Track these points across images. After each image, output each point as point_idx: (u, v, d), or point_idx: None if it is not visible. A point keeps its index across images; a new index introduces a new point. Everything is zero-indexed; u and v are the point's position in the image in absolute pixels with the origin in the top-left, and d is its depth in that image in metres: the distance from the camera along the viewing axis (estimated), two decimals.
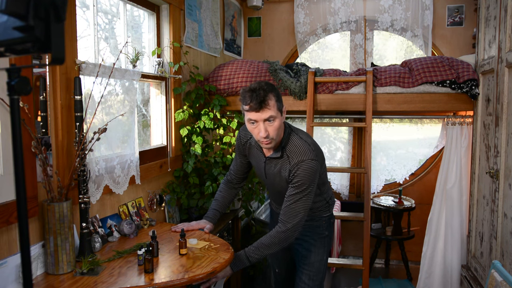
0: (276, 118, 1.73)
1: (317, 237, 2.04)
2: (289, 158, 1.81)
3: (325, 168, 2.00)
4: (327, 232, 2.07)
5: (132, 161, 2.17)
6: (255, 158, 2.01)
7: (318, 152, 1.85)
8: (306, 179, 1.76)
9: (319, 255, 2.04)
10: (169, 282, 1.57)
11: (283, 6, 4.08)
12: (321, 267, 2.05)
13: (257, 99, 1.67)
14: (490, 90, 2.39)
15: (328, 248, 2.10)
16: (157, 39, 2.65)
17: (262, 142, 1.78)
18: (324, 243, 2.06)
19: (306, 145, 1.81)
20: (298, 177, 1.77)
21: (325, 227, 2.06)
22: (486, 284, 1.55)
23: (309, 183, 1.77)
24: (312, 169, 1.76)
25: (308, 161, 1.77)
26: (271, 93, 1.71)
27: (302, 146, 1.80)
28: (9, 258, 1.49)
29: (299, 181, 1.77)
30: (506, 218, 2.06)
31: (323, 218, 2.06)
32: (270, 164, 1.91)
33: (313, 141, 1.91)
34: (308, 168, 1.76)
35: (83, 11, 2.08)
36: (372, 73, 2.87)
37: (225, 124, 2.92)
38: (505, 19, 2.10)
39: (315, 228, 2.04)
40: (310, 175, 1.76)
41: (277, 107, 1.73)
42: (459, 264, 2.93)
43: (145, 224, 2.26)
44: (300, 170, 1.76)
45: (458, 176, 2.93)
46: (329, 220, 2.09)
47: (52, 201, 1.63)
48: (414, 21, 3.71)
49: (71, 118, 1.78)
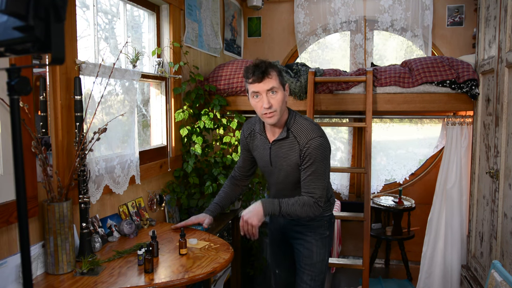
0: (279, 90, 1.78)
1: (319, 237, 2.02)
2: (297, 138, 1.81)
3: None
4: (328, 232, 2.05)
5: (132, 161, 2.17)
6: (259, 148, 1.97)
7: (324, 134, 1.86)
8: (318, 156, 1.77)
9: (320, 255, 2.02)
10: (169, 282, 1.57)
11: (283, 6, 4.08)
12: (323, 267, 2.04)
13: (259, 70, 1.75)
14: (490, 90, 2.39)
15: (329, 248, 2.08)
16: (157, 39, 2.65)
17: (265, 116, 1.79)
18: (325, 243, 2.04)
19: (312, 125, 1.83)
20: (311, 155, 1.78)
21: (327, 227, 2.05)
22: (486, 284, 1.55)
23: (322, 160, 1.79)
24: (323, 145, 1.79)
25: (318, 138, 1.78)
26: (273, 67, 1.78)
27: (309, 125, 1.83)
28: (9, 258, 1.49)
29: (312, 159, 1.78)
30: (506, 218, 2.06)
31: (325, 217, 2.04)
32: (276, 148, 1.88)
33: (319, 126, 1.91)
34: (319, 145, 1.78)
35: (83, 11, 2.08)
36: (372, 73, 2.87)
37: (225, 124, 2.92)
38: (505, 19, 2.10)
39: (317, 228, 2.02)
40: (322, 152, 1.79)
41: (279, 80, 1.78)
42: (459, 264, 2.93)
43: (145, 224, 2.26)
44: (311, 149, 1.77)
45: (458, 176, 2.93)
46: (330, 220, 2.07)
47: (52, 201, 1.63)
48: (414, 21, 3.71)
49: (71, 118, 1.78)
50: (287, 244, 2.12)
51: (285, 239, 2.11)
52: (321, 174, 1.81)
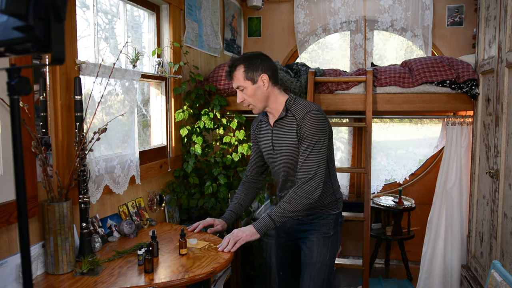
0: (246, 86, 1.87)
1: (321, 236, 1.96)
2: (294, 114, 1.86)
3: (332, 145, 1.98)
4: (332, 231, 1.98)
5: (132, 161, 2.17)
6: (264, 137, 2.01)
7: (322, 111, 1.88)
8: (314, 129, 1.79)
9: (321, 255, 1.95)
10: (169, 282, 1.57)
11: (283, 6, 4.08)
12: (323, 268, 1.95)
13: (227, 72, 1.90)
14: (490, 90, 2.39)
15: (334, 249, 1.99)
16: (157, 39, 2.65)
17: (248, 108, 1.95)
18: (328, 243, 1.97)
19: (310, 102, 1.89)
20: (306, 127, 1.80)
21: (332, 226, 1.97)
22: (486, 284, 1.55)
23: (318, 133, 1.80)
24: (319, 118, 1.81)
25: (314, 111, 1.82)
26: (241, 64, 1.86)
27: (307, 102, 1.88)
28: (9, 258, 1.49)
29: (308, 132, 1.80)
30: (506, 218, 2.06)
31: (331, 216, 1.97)
32: (276, 130, 1.92)
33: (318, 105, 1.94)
34: (315, 117, 1.80)
35: (83, 11, 2.08)
36: (372, 73, 2.87)
37: (225, 124, 2.92)
38: (505, 19, 2.10)
39: (321, 226, 1.96)
40: (318, 124, 1.80)
41: (244, 76, 1.85)
42: (459, 264, 2.93)
43: (145, 224, 2.26)
44: (307, 120, 1.80)
45: (458, 176, 2.93)
46: (337, 219, 2.00)
47: (52, 201, 1.63)
48: (414, 21, 3.71)
49: (71, 118, 1.78)
50: (293, 245, 2.08)
51: (291, 239, 2.08)
52: (316, 149, 1.79)
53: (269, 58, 1.93)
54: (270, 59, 1.92)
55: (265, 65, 1.88)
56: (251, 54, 1.91)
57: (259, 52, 1.94)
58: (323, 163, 1.81)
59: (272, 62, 1.92)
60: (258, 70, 1.86)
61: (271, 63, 1.91)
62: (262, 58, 1.90)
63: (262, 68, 1.87)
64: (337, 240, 2.01)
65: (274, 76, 1.90)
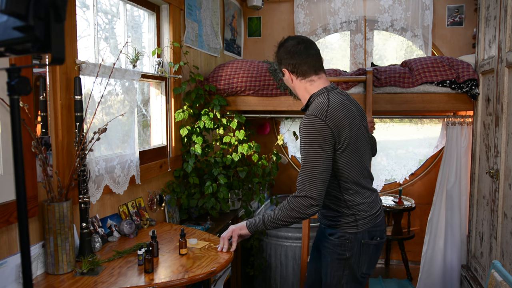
0: (284, 75, 1.81)
1: (335, 258, 1.72)
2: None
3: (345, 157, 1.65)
4: (348, 254, 1.69)
5: (132, 161, 2.17)
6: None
7: (335, 114, 1.62)
8: (304, 134, 1.61)
9: (335, 278, 1.72)
10: (169, 282, 1.57)
11: (283, 6, 4.08)
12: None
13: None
14: (490, 90, 2.39)
15: (351, 273, 1.72)
16: (157, 39, 2.65)
17: None
18: (343, 266, 1.71)
19: (322, 104, 1.64)
20: (300, 132, 1.64)
21: (348, 248, 1.70)
22: (486, 284, 1.55)
23: (308, 140, 1.59)
24: (310, 123, 1.59)
25: (310, 115, 1.62)
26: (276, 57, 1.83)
27: (319, 103, 1.66)
28: (9, 258, 1.49)
29: (300, 137, 1.63)
30: (506, 218, 2.06)
31: (347, 235, 1.70)
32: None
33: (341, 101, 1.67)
34: (307, 122, 1.60)
35: (83, 11, 2.08)
36: (372, 73, 2.87)
37: (225, 124, 2.92)
38: (505, 19, 2.10)
39: (335, 246, 1.71)
40: (307, 130, 1.60)
41: (280, 68, 1.82)
42: (459, 264, 2.93)
43: (145, 224, 2.26)
44: (301, 125, 1.64)
45: (458, 176, 2.93)
46: (355, 239, 1.69)
47: (52, 201, 1.63)
48: (414, 21, 3.71)
49: (71, 118, 1.78)
50: (318, 250, 1.91)
51: (317, 244, 1.93)
52: (307, 160, 1.60)
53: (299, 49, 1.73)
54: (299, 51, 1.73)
55: (288, 58, 1.75)
56: (282, 44, 1.79)
57: (293, 41, 1.76)
58: (317, 176, 1.58)
59: (302, 54, 1.72)
60: (282, 64, 1.79)
61: (297, 55, 1.72)
62: (287, 49, 1.75)
63: (284, 62, 1.77)
64: (358, 264, 1.71)
65: (300, 69, 1.73)
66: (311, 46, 1.75)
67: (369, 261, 1.74)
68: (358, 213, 1.70)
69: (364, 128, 1.79)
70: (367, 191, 1.74)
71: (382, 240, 1.77)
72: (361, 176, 1.72)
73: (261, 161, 3.00)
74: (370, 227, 1.72)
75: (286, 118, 3.96)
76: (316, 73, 1.75)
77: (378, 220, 1.75)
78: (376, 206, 1.76)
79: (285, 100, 3.00)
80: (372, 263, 1.77)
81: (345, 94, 1.77)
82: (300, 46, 1.73)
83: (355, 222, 1.70)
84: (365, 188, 1.73)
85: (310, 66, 1.74)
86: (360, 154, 1.70)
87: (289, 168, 4.06)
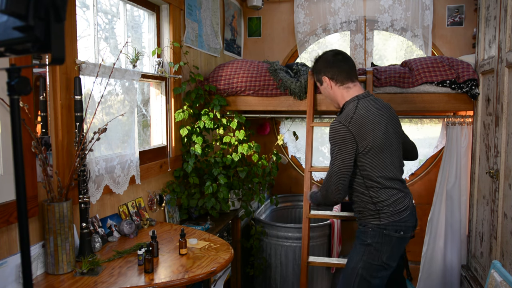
0: (319, 84, 2.14)
1: (358, 242, 1.96)
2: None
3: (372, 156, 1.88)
4: (369, 240, 1.90)
5: (132, 161, 2.17)
6: None
7: (359, 120, 1.87)
8: (330, 137, 1.92)
9: (353, 261, 1.93)
10: (169, 282, 1.57)
11: (283, 6, 4.08)
12: (353, 275, 1.90)
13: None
14: (490, 90, 2.39)
15: (369, 259, 1.89)
16: (157, 39, 2.65)
17: None
18: (362, 251, 1.91)
19: (350, 111, 1.92)
20: (328, 134, 1.95)
21: (370, 235, 1.91)
22: (486, 284, 1.55)
23: (333, 142, 1.91)
24: (335, 128, 1.89)
25: (336, 121, 1.91)
26: (310, 69, 2.22)
27: (347, 111, 1.94)
28: (9, 258, 1.49)
29: (329, 139, 1.94)
30: (506, 218, 2.06)
31: (370, 225, 1.92)
32: None
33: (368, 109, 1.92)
34: (332, 127, 1.91)
35: (83, 11, 2.08)
36: (372, 73, 2.86)
37: (225, 124, 2.92)
38: (505, 19, 2.10)
39: (360, 233, 1.97)
40: (332, 133, 1.90)
41: (315, 78, 2.16)
42: (459, 264, 2.93)
43: (145, 224, 2.26)
44: (329, 128, 1.94)
45: (458, 176, 2.93)
46: (377, 229, 1.90)
47: (52, 201, 1.63)
48: (414, 21, 3.71)
49: (71, 118, 1.78)
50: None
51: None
52: (332, 158, 1.91)
53: (338, 59, 2.03)
54: (339, 60, 2.03)
55: (327, 67, 2.02)
56: (321, 56, 2.09)
57: (332, 52, 2.07)
58: (336, 171, 1.88)
59: (341, 63, 2.02)
60: (321, 72, 2.06)
61: (336, 64, 2.02)
62: (326, 59, 2.05)
63: (324, 70, 2.04)
64: (378, 252, 1.89)
65: (339, 77, 2.01)
66: (348, 57, 2.07)
67: (391, 252, 1.91)
68: (382, 208, 1.91)
69: (395, 133, 2.00)
70: (392, 190, 1.93)
71: (406, 234, 1.94)
72: (386, 176, 1.92)
73: (261, 161, 3.00)
74: (393, 221, 1.91)
75: (286, 118, 3.96)
76: (352, 81, 2.03)
77: (402, 216, 1.92)
78: (401, 204, 1.93)
79: (285, 100, 3.00)
80: (394, 255, 1.93)
81: (375, 102, 1.99)
82: (338, 56, 2.04)
83: (377, 215, 1.92)
84: (389, 188, 1.92)
85: (347, 74, 2.02)
86: (384, 156, 1.91)
87: (289, 168, 4.06)
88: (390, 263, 1.92)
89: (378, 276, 1.90)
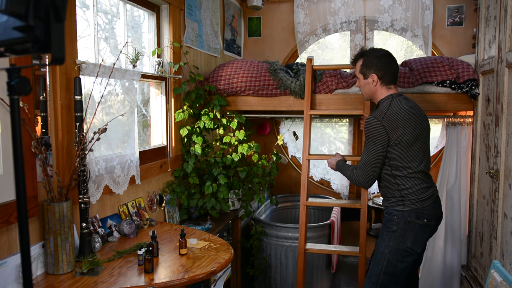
0: (359, 78, 2.26)
1: (384, 229, 2.15)
2: None
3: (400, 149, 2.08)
4: (395, 227, 2.10)
5: (132, 161, 2.17)
6: None
7: (391, 116, 2.06)
8: (366, 131, 2.12)
9: (381, 247, 2.12)
10: (169, 282, 1.57)
11: (283, 6, 4.08)
12: (381, 259, 2.10)
13: (352, 59, 2.35)
14: (490, 90, 2.39)
15: (395, 244, 2.09)
16: (157, 39, 2.65)
17: None
18: (389, 237, 2.11)
19: (384, 108, 2.11)
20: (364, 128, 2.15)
21: (395, 222, 2.11)
22: (486, 284, 1.55)
23: (367, 135, 2.12)
24: (369, 123, 2.09)
25: (371, 116, 2.11)
26: (362, 58, 2.23)
27: (382, 107, 2.13)
28: (9, 258, 1.49)
29: (364, 131, 2.16)
30: (506, 218, 2.06)
31: (395, 212, 2.12)
32: None
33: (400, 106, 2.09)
34: (367, 122, 2.11)
35: (83, 11, 2.08)
36: None
37: (225, 124, 2.92)
38: (505, 19, 2.10)
39: (387, 221, 2.16)
40: (366, 127, 2.11)
41: (360, 70, 2.23)
42: (459, 264, 2.93)
43: (145, 224, 2.26)
44: (365, 122, 2.13)
45: (458, 176, 2.93)
46: (401, 216, 2.10)
47: (52, 201, 1.63)
48: (414, 21, 3.71)
49: (71, 118, 1.78)
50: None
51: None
52: (365, 149, 2.16)
53: (389, 61, 2.16)
54: (389, 62, 2.16)
55: (380, 66, 2.15)
56: (373, 52, 2.20)
57: (384, 52, 2.19)
58: (369, 160, 2.13)
59: (391, 65, 2.16)
60: (371, 69, 2.17)
61: (387, 65, 2.15)
62: (380, 59, 2.15)
63: (375, 68, 2.16)
64: (402, 238, 2.08)
65: (386, 78, 2.16)
66: (395, 60, 2.21)
67: (414, 237, 2.09)
68: (406, 196, 2.10)
69: (423, 130, 2.15)
70: (417, 179, 2.11)
71: (430, 222, 2.10)
72: (412, 167, 2.10)
73: (261, 161, 3.00)
74: (416, 208, 2.09)
75: (286, 118, 3.96)
76: (394, 83, 2.19)
77: (425, 204, 2.10)
78: (424, 193, 2.11)
79: (285, 100, 3.00)
80: (418, 240, 2.09)
81: (407, 102, 2.15)
82: (389, 58, 2.18)
83: (402, 202, 2.11)
84: (414, 178, 2.11)
85: (393, 77, 2.18)
86: (412, 149, 2.09)
87: (289, 168, 4.06)
88: (414, 248, 2.09)
89: (404, 261, 2.09)
